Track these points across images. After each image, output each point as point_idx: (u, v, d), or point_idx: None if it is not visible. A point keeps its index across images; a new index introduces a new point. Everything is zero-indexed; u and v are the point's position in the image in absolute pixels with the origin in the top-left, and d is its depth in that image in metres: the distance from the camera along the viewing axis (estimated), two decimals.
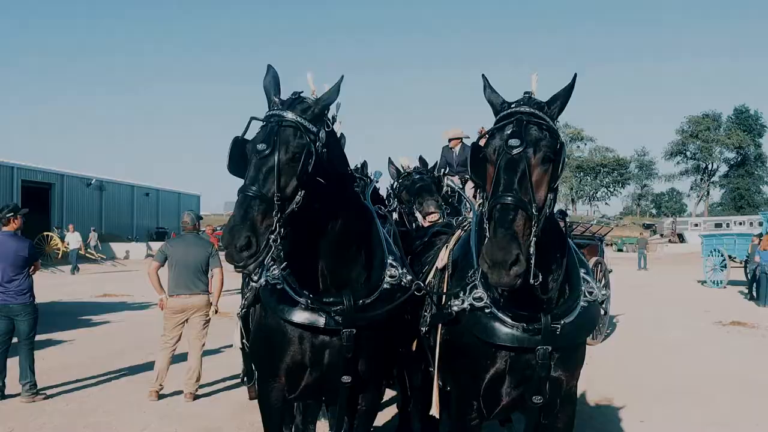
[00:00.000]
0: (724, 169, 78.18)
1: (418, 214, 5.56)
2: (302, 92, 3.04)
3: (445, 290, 3.22)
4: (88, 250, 31.19)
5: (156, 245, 39.15)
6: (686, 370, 8.56)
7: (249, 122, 2.94)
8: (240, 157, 2.88)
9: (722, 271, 20.55)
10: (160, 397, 6.82)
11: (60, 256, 29.51)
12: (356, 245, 3.23)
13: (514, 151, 2.52)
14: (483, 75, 2.90)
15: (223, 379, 7.62)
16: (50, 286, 17.56)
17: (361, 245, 3.26)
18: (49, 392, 6.96)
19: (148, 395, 6.80)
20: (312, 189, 2.81)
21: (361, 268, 3.25)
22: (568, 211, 4.04)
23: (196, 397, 6.84)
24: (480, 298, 2.90)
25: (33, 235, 25.62)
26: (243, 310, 3.73)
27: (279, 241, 2.67)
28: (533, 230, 2.46)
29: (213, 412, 6.47)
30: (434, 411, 3.32)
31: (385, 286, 3.24)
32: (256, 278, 3.34)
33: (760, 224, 22.51)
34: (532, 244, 2.46)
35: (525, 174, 2.49)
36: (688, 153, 77.39)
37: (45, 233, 30.76)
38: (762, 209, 30.49)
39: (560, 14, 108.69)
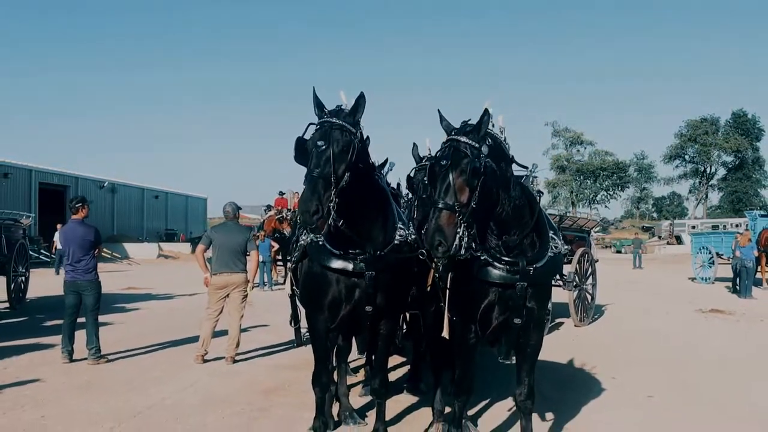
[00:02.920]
0: (722, 172, 79.12)
1: None
2: (341, 105, 4.27)
3: None
4: (104, 249, 32.34)
5: (166, 246, 40.50)
6: (662, 346, 9.70)
7: (307, 127, 4.15)
8: (301, 151, 4.09)
9: (710, 267, 21.61)
10: (205, 361, 7.98)
11: None
12: (376, 213, 4.46)
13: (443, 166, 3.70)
14: (438, 110, 4.07)
15: (256, 349, 8.80)
16: None
17: (379, 213, 4.49)
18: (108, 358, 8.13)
19: (194, 359, 7.96)
20: (353, 172, 4.01)
21: (379, 229, 4.46)
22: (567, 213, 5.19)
23: (235, 361, 8.00)
24: (476, 250, 4.09)
25: (50, 235, 26.77)
26: (292, 265, 4.95)
27: (335, 208, 3.86)
28: (459, 220, 3.58)
29: (252, 371, 7.65)
30: (445, 333, 4.51)
31: (395, 242, 4.47)
32: (304, 237, 4.57)
33: None
34: (461, 229, 3.57)
35: (450, 183, 3.63)
36: (686, 157, 78.33)
37: None
38: (748, 209, 31.48)
39: (560, 16, 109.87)
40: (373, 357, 4.98)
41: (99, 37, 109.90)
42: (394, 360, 7.73)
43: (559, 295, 11.58)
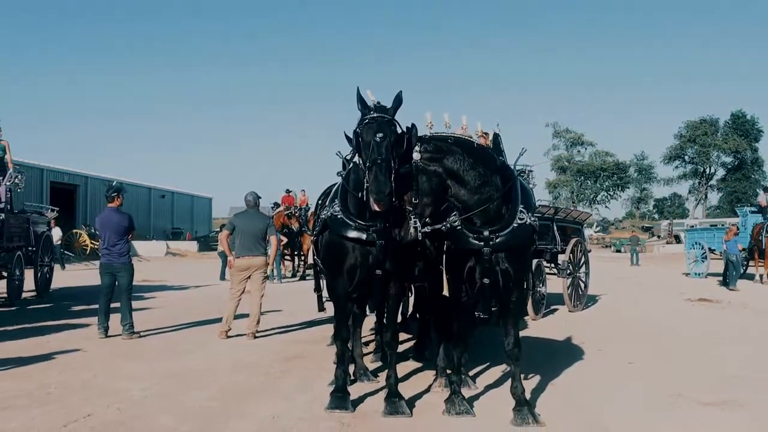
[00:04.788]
0: (721, 173, 79.73)
1: None
2: (378, 101, 5.08)
3: None
4: None
5: (173, 244, 41.32)
6: (647, 326, 10.48)
7: (360, 121, 4.97)
8: (357, 141, 4.94)
9: (703, 262, 22.32)
10: (228, 337, 8.74)
11: (88, 251, 31.46)
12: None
13: None
14: (413, 124, 5.00)
15: (273, 328, 9.57)
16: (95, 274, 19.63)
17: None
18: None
19: (218, 335, 8.73)
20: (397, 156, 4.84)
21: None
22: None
23: (256, 337, 8.76)
24: (454, 221, 4.92)
25: (62, 232, 27.51)
26: (314, 237, 5.74)
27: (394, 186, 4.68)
28: (408, 215, 4.67)
29: (272, 344, 8.44)
30: (445, 291, 5.29)
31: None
32: (324, 212, 5.37)
33: None
34: (413, 220, 4.69)
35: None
36: (686, 157, 78.95)
37: (74, 231, 32.78)
38: (739, 205, 32.19)
39: (561, 18, 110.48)
40: (385, 315, 5.79)
41: (104, 39, 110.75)
42: (401, 336, 8.51)
43: (554, 283, 12.45)
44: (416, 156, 4.63)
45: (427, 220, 4.83)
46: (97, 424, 4.88)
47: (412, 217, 4.57)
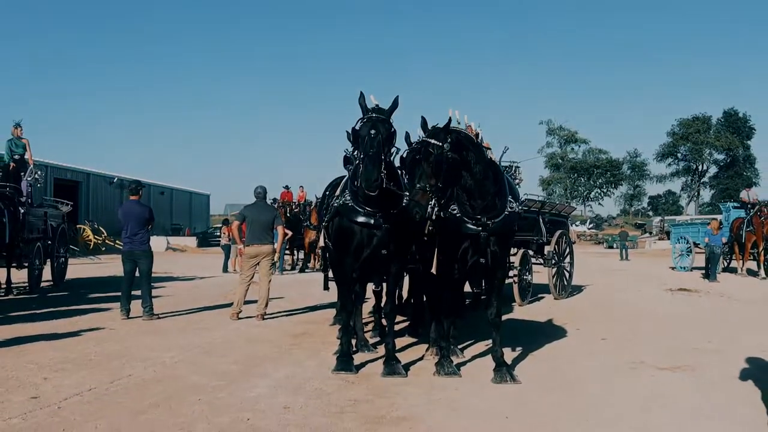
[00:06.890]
0: (714, 170, 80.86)
1: None
2: (378, 104, 5.88)
3: None
4: (117, 240, 33.88)
5: (173, 239, 42.10)
6: (625, 310, 11.36)
7: (358, 121, 5.77)
8: (354, 138, 5.73)
9: (688, 256, 23.16)
10: (239, 318, 9.57)
11: (92, 246, 32.24)
12: (392, 182, 6.01)
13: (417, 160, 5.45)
14: (422, 116, 5.76)
15: (279, 312, 10.39)
16: (105, 266, 20.37)
17: (395, 182, 6.04)
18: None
19: (230, 317, 9.56)
20: (389, 151, 5.65)
21: (392, 194, 5.97)
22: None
23: (264, 318, 9.59)
24: (453, 209, 5.73)
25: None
26: (325, 223, 6.58)
27: (385, 176, 5.47)
28: (430, 195, 5.28)
29: (280, 324, 9.29)
30: (433, 270, 6.13)
31: (403, 203, 6.00)
32: (336, 201, 6.18)
33: None
34: (433, 201, 5.31)
35: (422, 172, 5.34)
36: (678, 155, 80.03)
37: (78, 226, 33.50)
38: (723, 201, 33.13)
39: (556, 18, 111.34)
40: (384, 292, 6.65)
41: (104, 38, 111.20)
42: (396, 319, 9.36)
43: (542, 275, 13.28)
44: (446, 147, 5.30)
45: (442, 202, 5.53)
46: (139, 381, 5.72)
47: (433, 197, 5.24)
